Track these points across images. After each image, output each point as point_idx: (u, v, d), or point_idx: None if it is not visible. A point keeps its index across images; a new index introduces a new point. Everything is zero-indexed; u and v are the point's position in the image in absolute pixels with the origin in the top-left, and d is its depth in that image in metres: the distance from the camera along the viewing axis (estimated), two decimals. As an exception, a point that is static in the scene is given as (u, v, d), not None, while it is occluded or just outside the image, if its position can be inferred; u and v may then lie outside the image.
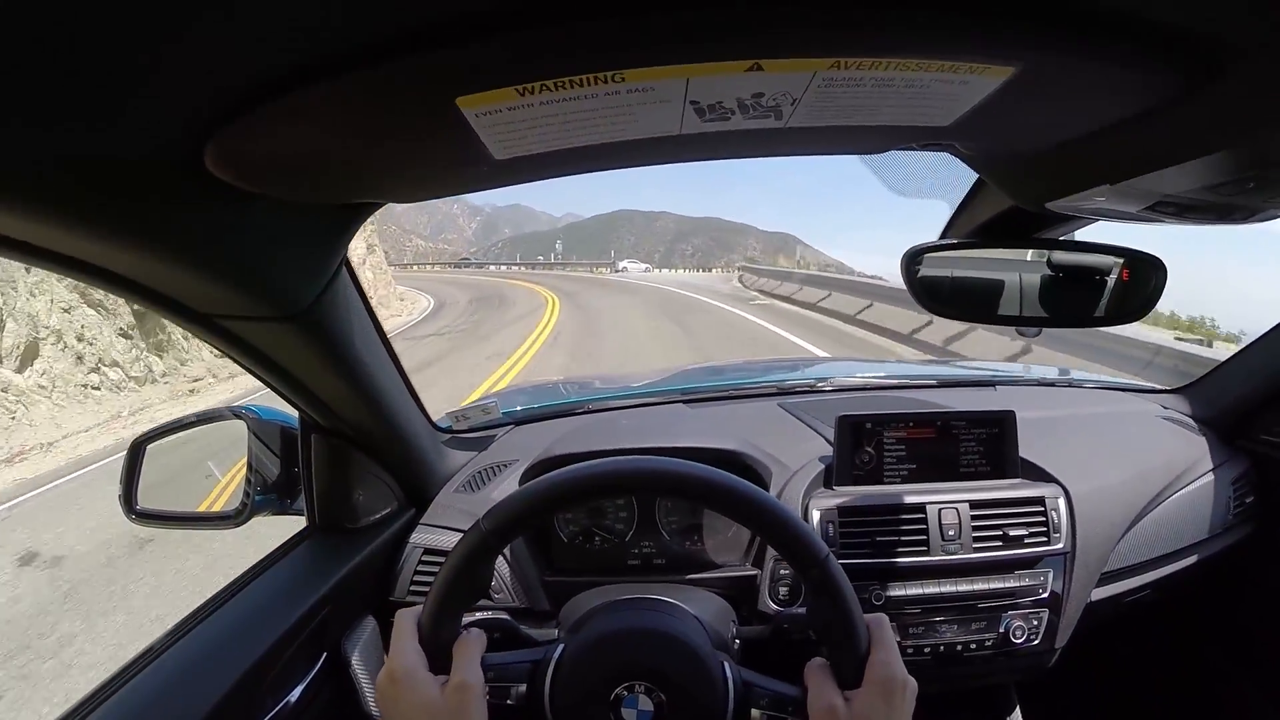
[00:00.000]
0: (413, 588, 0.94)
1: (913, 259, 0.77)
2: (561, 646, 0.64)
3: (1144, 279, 0.81)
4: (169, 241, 0.44)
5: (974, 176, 0.75)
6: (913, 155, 0.64)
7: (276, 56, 0.29)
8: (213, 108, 0.32)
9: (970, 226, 0.79)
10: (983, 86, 0.35)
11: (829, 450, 1.05)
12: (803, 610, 0.75)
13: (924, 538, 0.96)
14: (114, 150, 0.34)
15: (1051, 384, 1.47)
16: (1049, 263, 0.83)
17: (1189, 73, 0.34)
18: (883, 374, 1.53)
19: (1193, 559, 1.12)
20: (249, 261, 0.51)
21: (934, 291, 0.78)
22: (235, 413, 0.95)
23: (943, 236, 0.81)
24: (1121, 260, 0.81)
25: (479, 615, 0.82)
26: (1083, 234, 0.84)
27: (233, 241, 0.48)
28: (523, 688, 0.61)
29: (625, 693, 0.65)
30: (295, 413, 0.87)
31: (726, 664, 0.62)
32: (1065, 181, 0.56)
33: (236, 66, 0.30)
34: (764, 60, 0.32)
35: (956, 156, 0.63)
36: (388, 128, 0.36)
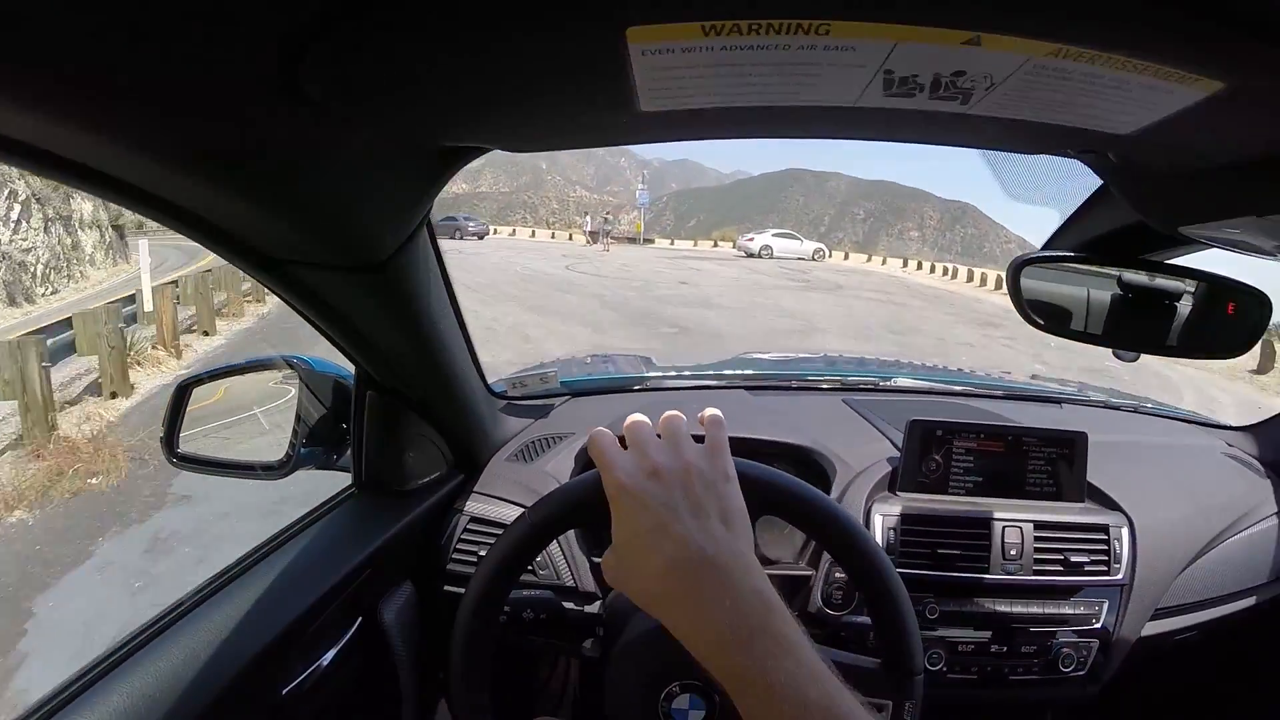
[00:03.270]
0: (455, 556, 0.92)
1: (1018, 269, 0.74)
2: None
3: (1248, 313, 0.79)
4: (249, 173, 0.40)
5: (1092, 188, 0.72)
6: (1037, 159, 0.62)
7: None
8: (318, 13, 0.27)
9: (1080, 239, 0.75)
10: (1184, 97, 0.33)
11: (894, 453, 1.02)
12: (865, 620, 0.73)
13: (985, 554, 0.94)
14: (200, 58, 0.29)
15: (1116, 408, 1.43)
16: (1131, 283, 0.80)
17: None
18: (948, 379, 1.49)
19: (1244, 604, 1.09)
20: (333, 204, 0.48)
21: (1035, 303, 0.76)
22: (288, 361, 0.92)
23: (1047, 246, 0.77)
24: (1227, 292, 0.78)
25: (524, 594, 0.80)
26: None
27: (320, 179, 0.44)
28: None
29: (678, 689, 0.64)
30: (350, 366, 0.84)
31: None
32: (1211, 208, 0.54)
33: None
34: (986, 34, 0.29)
35: (1091, 165, 0.61)
36: (529, 56, 0.31)
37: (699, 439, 0.52)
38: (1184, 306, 0.78)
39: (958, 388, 1.41)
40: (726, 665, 0.42)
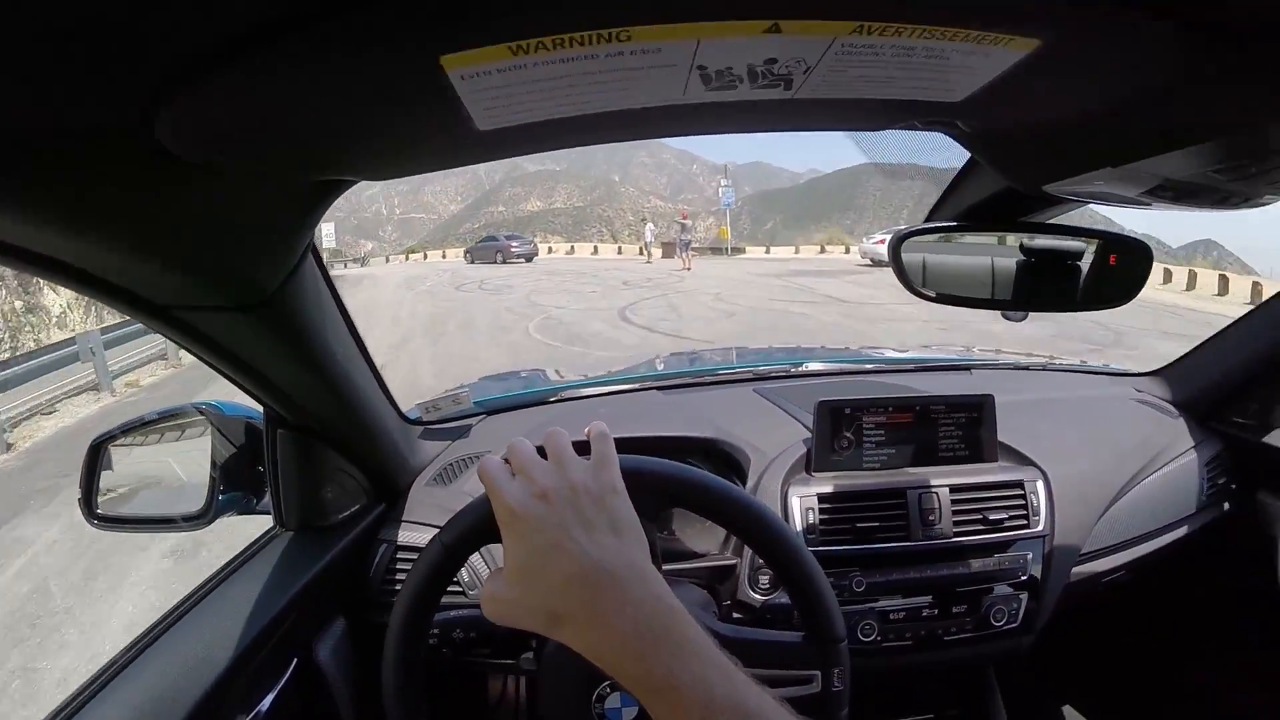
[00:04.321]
0: (384, 587, 0.91)
1: (899, 242, 0.76)
2: None
3: (1129, 264, 0.81)
4: (121, 225, 0.40)
5: (964, 158, 0.74)
6: (906, 135, 0.63)
7: (235, 7, 0.26)
8: (163, 70, 0.28)
9: (958, 209, 0.78)
10: (1002, 60, 0.34)
11: (807, 436, 1.04)
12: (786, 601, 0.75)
13: (904, 523, 0.96)
14: (52, 123, 0.30)
15: (1026, 368, 1.48)
16: (1034, 247, 0.82)
17: (1207, 50, 0.33)
18: (858, 359, 1.52)
19: (1169, 538, 1.14)
20: (208, 247, 0.47)
21: (921, 276, 0.78)
22: (198, 409, 0.91)
23: (929, 219, 0.79)
24: (1107, 245, 0.81)
25: (453, 614, 0.80)
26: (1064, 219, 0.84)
27: (190, 225, 0.44)
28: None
29: (609, 690, 0.66)
30: (260, 407, 0.83)
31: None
32: (1067, 163, 0.55)
33: (189, 21, 0.26)
34: (783, 20, 0.29)
35: (952, 136, 0.62)
36: (361, 92, 0.32)
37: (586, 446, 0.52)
38: (1081, 263, 0.81)
39: (869, 366, 1.44)
40: (633, 672, 0.42)
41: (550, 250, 36.49)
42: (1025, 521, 1.00)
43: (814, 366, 1.42)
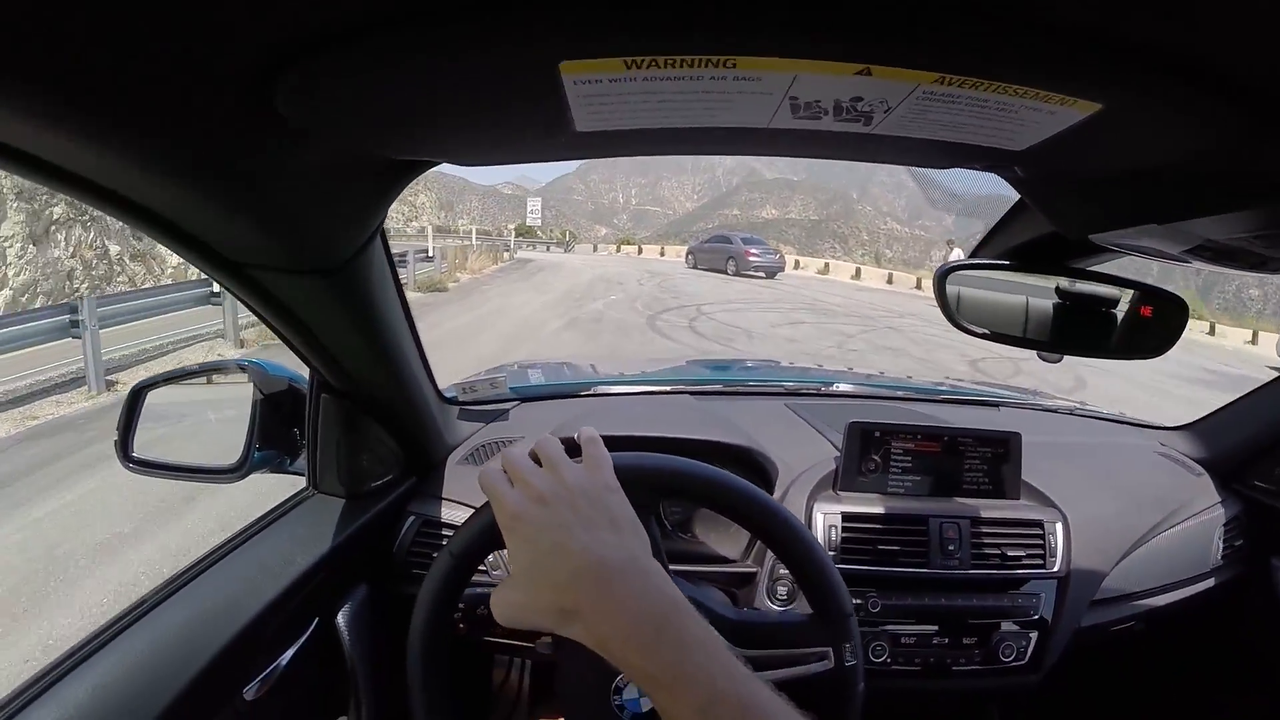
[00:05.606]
0: (409, 559, 0.93)
1: (945, 275, 0.77)
2: None
3: (1166, 317, 0.81)
4: (215, 180, 0.42)
5: (1014, 199, 0.76)
6: (958, 172, 0.65)
7: None
8: (290, 36, 0.30)
9: (1004, 247, 0.79)
10: (1067, 117, 0.36)
11: (835, 454, 1.05)
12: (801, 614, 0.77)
13: (924, 550, 0.97)
14: (180, 74, 0.32)
15: (1054, 410, 1.48)
16: (1071, 290, 0.83)
17: (1262, 119, 0.34)
18: (889, 385, 1.53)
19: (1180, 595, 1.14)
20: (293, 211, 0.49)
21: (964, 309, 0.78)
22: (241, 365, 0.93)
23: (974, 254, 0.80)
24: (1144, 296, 0.81)
25: (479, 591, 0.82)
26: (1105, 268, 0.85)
27: (282, 188, 0.46)
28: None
29: (624, 682, 0.67)
30: (303, 370, 0.86)
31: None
32: (1114, 216, 0.57)
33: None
34: (875, 65, 0.32)
35: (1007, 179, 0.63)
36: (479, 84, 0.34)
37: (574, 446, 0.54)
38: (1116, 311, 0.82)
39: (900, 393, 1.45)
40: (638, 664, 0.43)
41: (797, 265, 27.01)
42: (1042, 561, 1.00)
43: (844, 388, 1.43)
